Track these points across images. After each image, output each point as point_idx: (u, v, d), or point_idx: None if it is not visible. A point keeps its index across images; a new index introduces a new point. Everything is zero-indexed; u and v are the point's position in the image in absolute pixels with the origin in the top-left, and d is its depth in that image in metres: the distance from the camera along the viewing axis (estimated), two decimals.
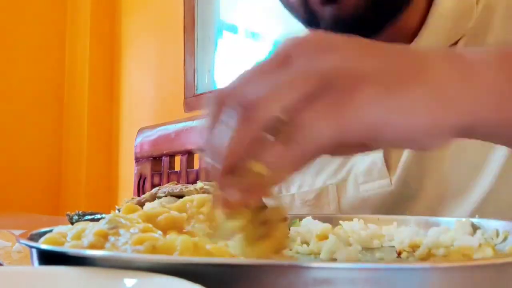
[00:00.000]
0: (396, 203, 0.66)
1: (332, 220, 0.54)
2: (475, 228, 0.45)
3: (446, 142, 0.34)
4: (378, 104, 0.31)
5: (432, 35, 0.68)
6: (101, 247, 0.31)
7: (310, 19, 0.67)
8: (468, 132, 0.34)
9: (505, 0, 0.66)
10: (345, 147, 0.35)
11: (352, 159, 0.71)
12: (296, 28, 0.72)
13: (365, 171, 0.68)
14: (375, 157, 0.67)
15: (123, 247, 0.30)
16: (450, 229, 0.46)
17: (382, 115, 0.31)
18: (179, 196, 0.50)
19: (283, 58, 0.32)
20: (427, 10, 0.69)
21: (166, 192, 0.50)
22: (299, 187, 0.76)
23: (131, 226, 0.33)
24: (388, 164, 0.67)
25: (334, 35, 0.34)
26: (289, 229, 0.47)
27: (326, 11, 0.64)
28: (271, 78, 0.31)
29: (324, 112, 0.30)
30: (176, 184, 0.52)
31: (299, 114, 0.30)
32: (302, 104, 0.30)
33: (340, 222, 0.53)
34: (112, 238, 0.32)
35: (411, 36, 0.69)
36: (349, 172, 0.71)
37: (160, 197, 0.51)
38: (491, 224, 0.47)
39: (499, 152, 0.61)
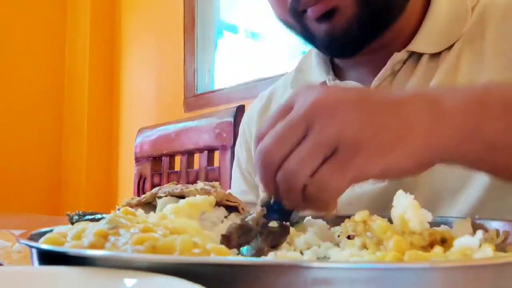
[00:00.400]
0: (391, 200, 0.67)
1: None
2: (475, 227, 0.45)
3: (426, 169, 0.45)
4: (374, 163, 0.42)
5: (428, 38, 0.69)
6: (101, 247, 0.31)
7: (306, 36, 0.71)
8: (444, 161, 0.46)
9: (502, 8, 0.67)
10: None
11: None
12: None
13: None
14: None
15: (123, 247, 0.30)
16: (449, 229, 0.46)
17: (378, 170, 0.42)
18: (180, 196, 0.50)
19: (304, 124, 0.42)
20: (423, 14, 0.71)
21: (167, 192, 0.50)
22: None
23: (131, 226, 0.33)
24: None
25: (342, 94, 0.45)
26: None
27: (321, 29, 0.67)
28: (300, 152, 0.42)
29: (335, 170, 0.41)
30: (176, 184, 0.52)
31: (318, 175, 0.41)
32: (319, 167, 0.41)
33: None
34: (112, 238, 0.32)
35: (406, 39, 0.70)
36: None
37: (160, 197, 0.51)
38: (491, 224, 0.47)
39: None
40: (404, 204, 0.42)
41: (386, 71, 0.70)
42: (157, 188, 0.52)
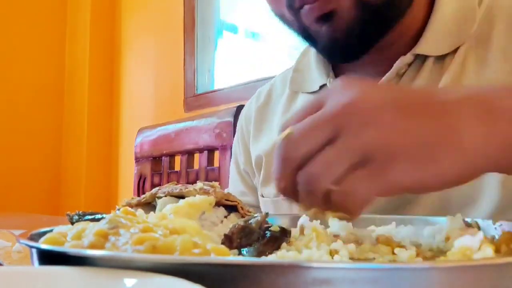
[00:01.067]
0: (396, 207, 0.65)
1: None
2: (468, 225, 0.45)
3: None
4: (410, 175, 0.38)
5: (434, 40, 0.67)
6: (102, 247, 0.31)
7: (306, 36, 0.69)
8: (489, 171, 0.42)
9: (508, 12, 0.66)
10: None
11: None
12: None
13: None
14: None
15: (124, 247, 0.30)
16: (444, 228, 0.46)
17: (414, 181, 0.38)
18: (179, 196, 0.49)
19: (333, 124, 0.39)
20: (428, 14, 0.69)
21: (166, 192, 0.50)
22: None
23: (131, 226, 0.33)
24: None
25: (379, 95, 0.40)
26: None
27: (321, 31, 0.65)
28: (326, 155, 0.38)
29: (365, 180, 0.38)
30: (176, 184, 0.52)
31: (346, 182, 0.38)
32: (347, 173, 0.38)
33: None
34: (112, 238, 0.32)
35: (410, 41, 0.69)
36: None
37: (160, 197, 0.50)
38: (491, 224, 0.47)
39: None
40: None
41: (391, 74, 0.68)
42: (156, 188, 0.52)
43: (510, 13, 0.66)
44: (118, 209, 0.43)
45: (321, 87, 0.77)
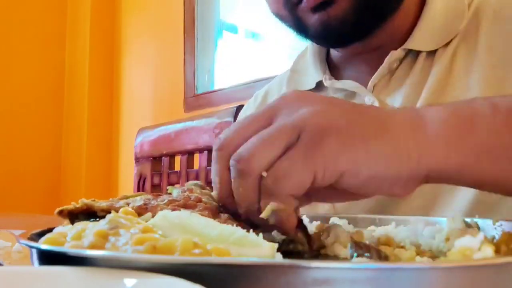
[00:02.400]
0: (390, 200, 0.67)
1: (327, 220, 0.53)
2: (468, 225, 0.45)
3: (411, 190, 0.40)
4: (342, 155, 0.36)
5: (425, 36, 0.69)
6: (102, 247, 0.31)
7: (299, 27, 0.71)
8: (427, 180, 0.40)
9: (493, 6, 0.68)
10: (333, 193, 0.40)
11: None
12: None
13: None
14: None
15: (124, 247, 0.30)
16: (444, 228, 0.46)
17: (345, 164, 0.36)
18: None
19: (268, 113, 0.38)
20: (419, 12, 0.71)
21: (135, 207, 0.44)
22: None
23: (131, 226, 0.33)
24: None
25: (312, 93, 0.40)
26: None
27: (314, 19, 0.67)
28: (258, 135, 0.37)
29: (297, 160, 0.35)
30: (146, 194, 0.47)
31: (279, 165, 0.35)
32: (280, 155, 0.36)
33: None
34: (112, 239, 0.32)
35: (403, 38, 0.71)
36: None
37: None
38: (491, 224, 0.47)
39: None
40: None
41: (383, 70, 0.71)
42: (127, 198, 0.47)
43: (495, 9, 0.68)
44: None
45: (317, 84, 0.79)
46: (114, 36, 2.89)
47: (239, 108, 1.34)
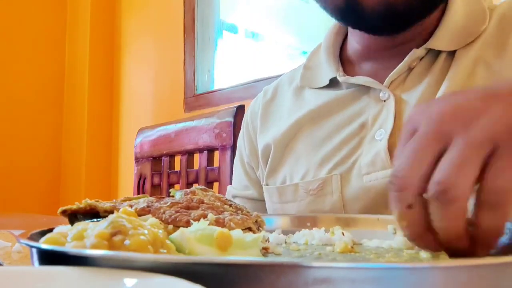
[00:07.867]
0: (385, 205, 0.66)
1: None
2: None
3: None
4: None
5: (446, 36, 0.71)
6: (103, 249, 0.31)
7: (349, 9, 0.68)
8: None
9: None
10: None
11: (357, 151, 0.72)
12: (295, 26, 0.73)
13: (370, 163, 0.70)
14: (379, 148, 0.69)
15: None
16: None
17: None
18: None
19: (438, 136, 0.35)
20: (441, 14, 0.74)
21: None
22: (302, 177, 0.77)
23: (132, 228, 0.33)
24: (392, 155, 0.67)
25: (463, 97, 0.38)
26: None
27: None
28: (449, 160, 0.34)
29: (507, 167, 0.33)
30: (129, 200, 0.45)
31: (490, 177, 0.33)
32: (482, 170, 0.33)
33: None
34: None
35: (426, 38, 0.73)
36: (354, 163, 0.72)
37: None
38: None
39: None
40: None
41: (403, 67, 0.72)
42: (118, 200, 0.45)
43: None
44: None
45: (331, 80, 0.80)
46: (114, 36, 2.89)
47: (239, 108, 1.34)
